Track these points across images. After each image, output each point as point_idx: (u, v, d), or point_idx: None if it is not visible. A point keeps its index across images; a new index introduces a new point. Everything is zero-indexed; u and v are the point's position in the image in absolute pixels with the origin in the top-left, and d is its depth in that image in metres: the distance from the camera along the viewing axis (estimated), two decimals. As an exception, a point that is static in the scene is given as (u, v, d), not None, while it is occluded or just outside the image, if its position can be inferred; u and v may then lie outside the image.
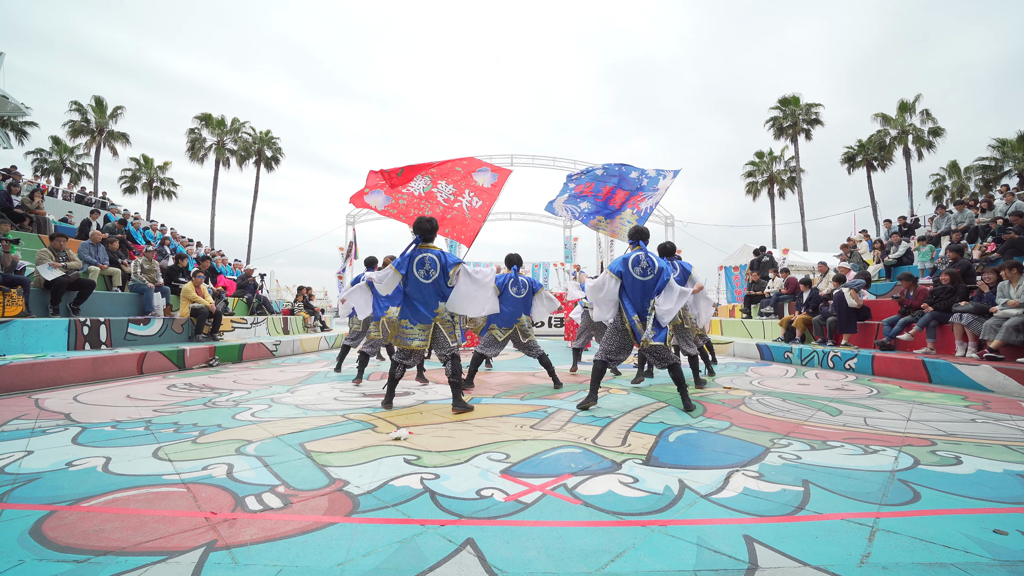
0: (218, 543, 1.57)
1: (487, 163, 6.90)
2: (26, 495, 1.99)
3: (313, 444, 2.80)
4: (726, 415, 3.67)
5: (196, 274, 8.37)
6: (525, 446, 2.77)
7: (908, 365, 5.71)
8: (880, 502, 1.93)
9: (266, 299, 12.03)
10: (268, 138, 31.59)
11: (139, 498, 1.96)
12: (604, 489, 2.08)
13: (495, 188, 6.71)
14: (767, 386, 5.23)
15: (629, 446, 2.78)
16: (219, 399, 4.28)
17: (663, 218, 22.72)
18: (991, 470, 2.34)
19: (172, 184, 31.48)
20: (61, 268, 6.59)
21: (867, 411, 3.83)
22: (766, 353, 8.27)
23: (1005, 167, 25.02)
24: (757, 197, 31.41)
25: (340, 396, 4.50)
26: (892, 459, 2.51)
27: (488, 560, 1.47)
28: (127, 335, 6.94)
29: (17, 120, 25.16)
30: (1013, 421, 3.46)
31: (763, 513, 1.83)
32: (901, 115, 27.00)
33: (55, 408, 3.79)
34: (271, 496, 1.99)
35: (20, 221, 9.17)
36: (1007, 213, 8.51)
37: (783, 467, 2.39)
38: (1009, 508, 1.88)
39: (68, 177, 29.38)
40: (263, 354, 8.31)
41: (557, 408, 3.91)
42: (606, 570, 1.43)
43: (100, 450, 2.64)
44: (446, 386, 5.16)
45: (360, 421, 3.42)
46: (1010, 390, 4.65)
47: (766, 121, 29.64)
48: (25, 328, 5.66)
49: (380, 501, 1.94)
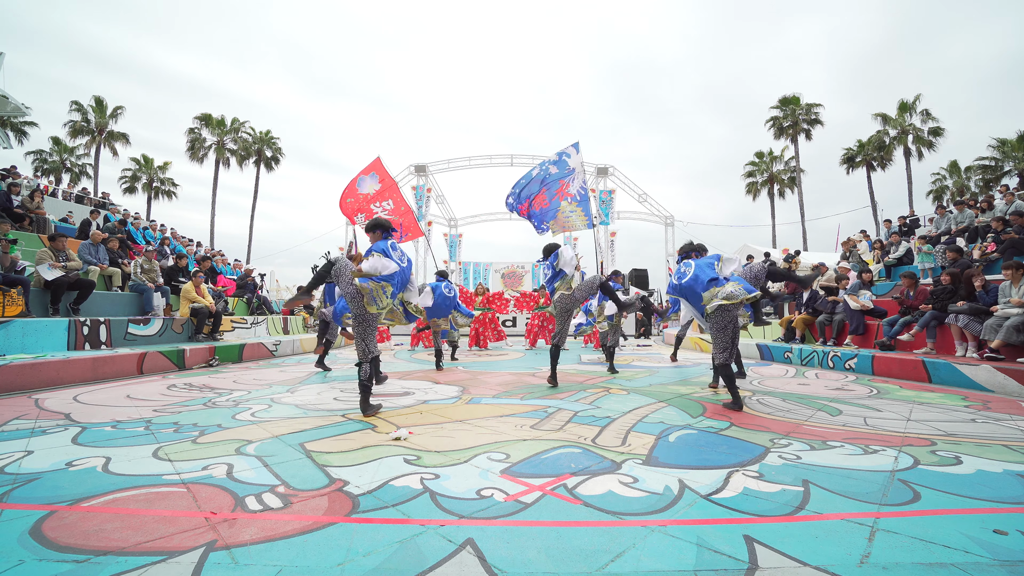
0: (218, 543, 1.57)
1: (356, 175, 7.67)
2: (26, 495, 1.99)
3: (313, 444, 2.80)
4: (726, 415, 3.67)
5: (196, 274, 8.37)
6: (525, 446, 2.77)
7: (908, 365, 5.71)
8: (880, 502, 1.93)
9: (266, 299, 12.04)
10: (268, 138, 31.59)
11: (139, 498, 1.96)
12: (604, 489, 2.08)
13: (384, 181, 7.53)
14: (767, 386, 5.23)
15: (629, 446, 2.78)
16: (219, 399, 4.28)
17: (663, 218, 22.74)
18: (991, 470, 2.34)
19: (172, 184, 31.48)
20: (61, 268, 6.59)
21: (867, 411, 3.83)
22: (766, 353, 8.27)
23: (1005, 167, 25.01)
24: (757, 197, 31.42)
25: (340, 396, 4.50)
26: (892, 459, 2.51)
27: (488, 560, 1.47)
28: (127, 335, 6.94)
29: (17, 120, 25.16)
30: (1013, 421, 3.46)
31: (763, 513, 1.83)
32: (901, 115, 26.99)
33: (55, 408, 3.79)
34: (271, 496, 1.99)
35: (20, 221, 9.17)
36: (1007, 213, 8.51)
37: (783, 467, 2.39)
38: (1009, 508, 1.88)
39: (68, 177, 29.38)
40: (263, 354, 8.31)
41: (557, 408, 3.91)
42: (606, 570, 1.43)
43: (100, 450, 2.64)
44: (447, 386, 5.17)
45: (360, 421, 3.42)
46: (1010, 390, 4.65)
47: (766, 121, 29.66)
48: (25, 328, 5.66)
49: (380, 501, 1.94)
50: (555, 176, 6.30)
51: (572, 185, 6.29)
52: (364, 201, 7.34)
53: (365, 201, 7.34)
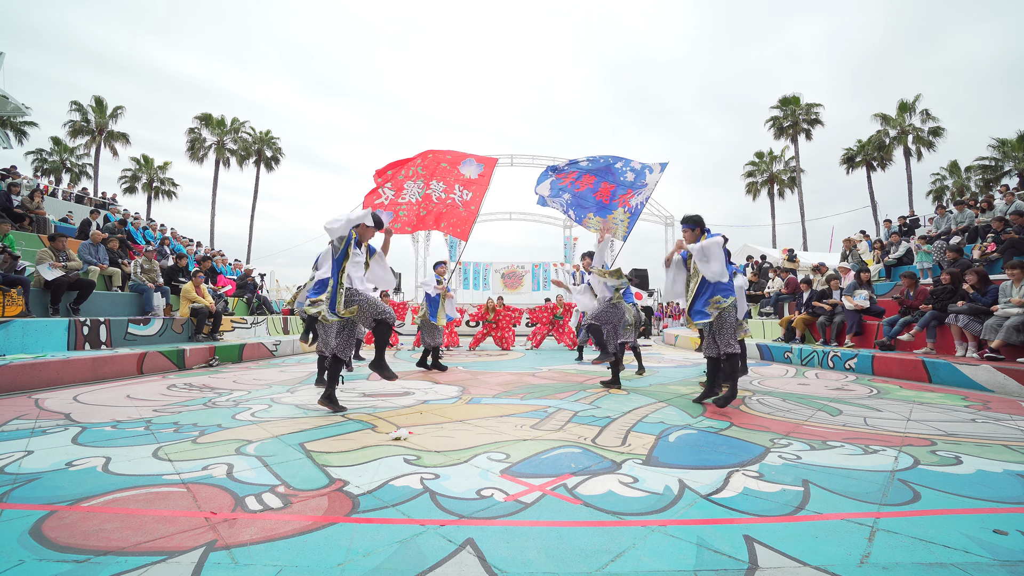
0: (218, 543, 1.57)
1: (471, 154, 6.99)
2: (26, 495, 1.99)
3: (313, 444, 2.80)
4: (726, 415, 3.67)
5: (196, 274, 8.37)
6: (525, 446, 2.77)
7: (908, 365, 5.71)
8: (880, 502, 1.93)
9: (266, 299, 12.04)
10: (268, 138, 31.59)
11: (139, 498, 1.96)
12: (604, 489, 2.08)
13: (483, 178, 6.84)
14: (767, 386, 5.23)
15: (629, 446, 2.78)
16: (219, 399, 4.28)
17: (663, 218, 22.74)
18: (991, 470, 2.34)
19: (172, 184, 31.48)
20: (61, 268, 6.59)
21: (867, 411, 3.83)
22: (766, 353, 8.27)
23: (1005, 167, 25.00)
24: (757, 197, 31.43)
25: (340, 396, 4.50)
26: (892, 459, 2.51)
27: (488, 560, 1.47)
28: (127, 335, 6.94)
29: (17, 120, 25.16)
30: (1013, 421, 3.46)
31: (763, 513, 1.83)
32: (901, 115, 26.99)
33: (55, 408, 3.79)
34: (271, 496, 1.99)
35: (20, 221, 9.17)
36: (1007, 213, 8.51)
37: (783, 467, 2.39)
38: (1009, 508, 1.88)
39: (68, 177, 29.38)
40: (263, 354, 8.31)
41: (557, 408, 3.91)
42: (606, 570, 1.43)
43: (100, 450, 2.64)
44: (447, 386, 5.17)
45: (360, 421, 3.42)
46: (1010, 390, 4.65)
47: (766, 121, 29.66)
48: (25, 328, 5.66)
49: (380, 501, 1.94)
50: (629, 182, 6.24)
51: (635, 199, 6.25)
52: (456, 178, 6.76)
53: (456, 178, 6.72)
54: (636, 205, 6.23)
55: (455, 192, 6.73)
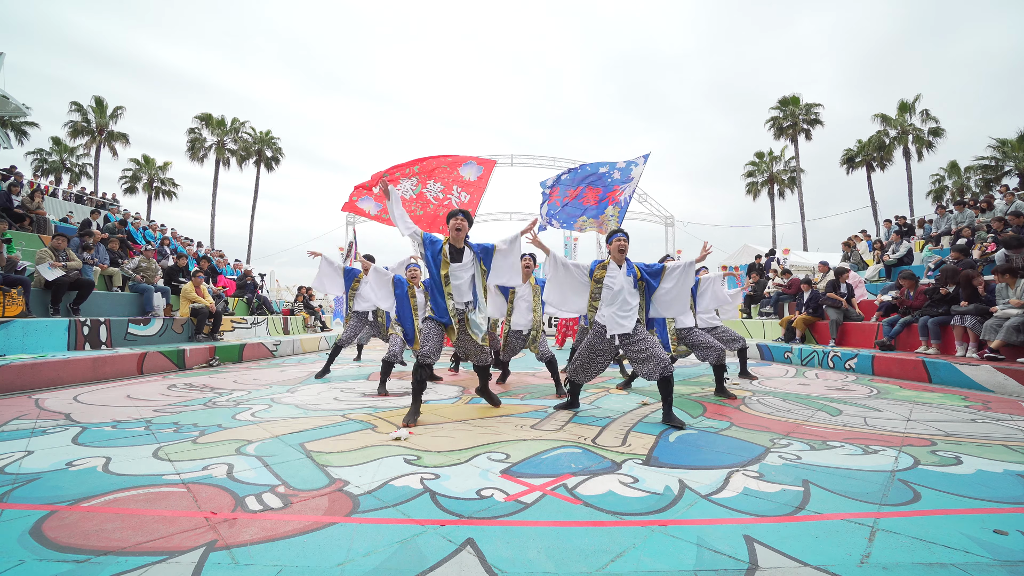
0: (218, 543, 1.57)
1: (471, 156, 7.05)
2: (26, 495, 1.99)
3: (313, 444, 2.80)
4: (726, 415, 3.67)
5: (196, 274, 8.37)
6: (525, 446, 2.77)
7: (908, 365, 5.71)
8: (880, 502, 1.93)
9: (266, 299, 12.03)
10: (268, 138, 31.60)
11: (139, 498, 1.96)
12: (604, 489, 2.08)
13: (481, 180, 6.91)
14: (767, 386, 5.23)
15: (629, 446, 2.78)
16: (219, 399, 4.28)
17: (663, 218, 22.73)
18: (991, 470, 2.34)
19: (172, 184, 31.48)
20: (61, 268, 6.59)
21: (867, 411, 3.83)
22: (766, 353, 8.27)
23: (1005, 167, 24.98)
24: (757, 197, 31.42)
25: (340, 396, 4.50)
26: (892, 459, 2.51)
27: (488, 560, 1.47)
28: (127, 335, 6.94)
29: (17, 120, 25.13)
30: (1013, 421, 3.46)
31: (763, 513, 1.83)
32: (901, 115, 26.99)
33: (55, 408, 3.79)
34: (271, 496, 1.99)
35: (20, 221, 9.17)
36: (1007, 213, 8.50)
37: (783, 467, 2.39)
38: (1009, 508, 1.88)
39: (68, 177, 29.37)
40: (263, 354, 8.31)
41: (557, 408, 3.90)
42: (606, 570, 1.43)
43: (100, 450, 2.64)
44: (447, 386, 5.17)
45: (360, 421, 3.42)
46: (1010, 390, 4.65)
47: (766, 121, 29.67)
48: (25, 328, 5.66)
49: (380, 501, 1.94)
50: (615, 180, 6.35)
51: (624, 191, 6.35)
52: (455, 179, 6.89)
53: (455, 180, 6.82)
54: (623, 199, 6.35)
55: (453, 193, 6.78)
